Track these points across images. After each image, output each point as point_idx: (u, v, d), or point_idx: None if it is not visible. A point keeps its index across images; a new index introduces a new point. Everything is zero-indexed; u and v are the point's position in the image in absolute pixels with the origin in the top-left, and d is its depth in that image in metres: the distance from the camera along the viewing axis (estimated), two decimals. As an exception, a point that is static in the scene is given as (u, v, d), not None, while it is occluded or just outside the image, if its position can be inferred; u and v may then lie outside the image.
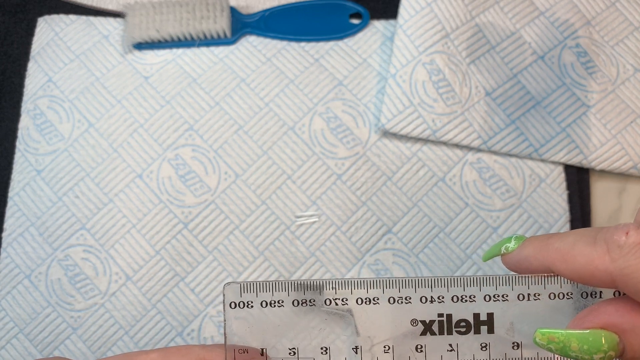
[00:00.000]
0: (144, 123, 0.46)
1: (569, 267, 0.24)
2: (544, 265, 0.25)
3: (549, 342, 0.25)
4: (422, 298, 0.26)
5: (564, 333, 0.24)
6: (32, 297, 0.43)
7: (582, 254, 0.24)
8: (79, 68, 0.47)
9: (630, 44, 0.48)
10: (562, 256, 0.24)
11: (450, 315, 0.26)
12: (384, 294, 0.26)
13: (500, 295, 0.26)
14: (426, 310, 0.26)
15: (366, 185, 0.45)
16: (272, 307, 0.27)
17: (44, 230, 0.44)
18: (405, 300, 0.26)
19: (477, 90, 0.46)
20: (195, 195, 0.45)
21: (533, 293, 0.26)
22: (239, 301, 0.27)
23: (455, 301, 0.26)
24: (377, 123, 0.46)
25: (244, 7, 0.49)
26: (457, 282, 0.26)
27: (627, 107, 0.46)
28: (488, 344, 0.26)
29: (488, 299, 0.26)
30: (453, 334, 0.26)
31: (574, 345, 0.24)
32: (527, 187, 0.45)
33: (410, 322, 0.26)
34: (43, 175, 0.45)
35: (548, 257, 0.25)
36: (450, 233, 0.44)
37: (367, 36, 0.48)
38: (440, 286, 0.26)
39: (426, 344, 0.26)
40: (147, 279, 0.44)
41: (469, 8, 0.47)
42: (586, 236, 0.24)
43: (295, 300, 0.27)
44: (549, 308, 0.26)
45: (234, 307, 0.27)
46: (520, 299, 0.26)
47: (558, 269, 0.25)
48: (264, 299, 0.27)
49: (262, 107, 0.47)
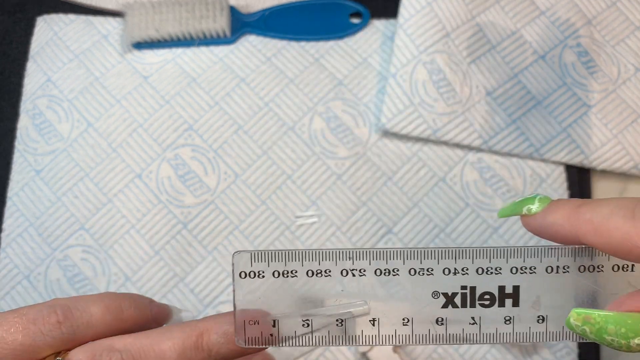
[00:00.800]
0: (143, 123, 0.46)
1: (603, 241, 0.23)
2: (572, 235, 0.24)
3: (585, 322, 0.23)
4: (444, 270, 0.25)
5: (601, 314, 0.23)
6: (31, 298, 0.43)
7: (619, 228, 0.22)
8: (78, 68, 0.47)
9: (631, 43, 0.48)
10: (596, 229, 0.23)
11: (474, 287, 0.25)
12: (405, 265, 0.25)
13: (528, 268, 0.25)
14: (449, 283, 0.25)
15: (366, 185, 0.45)
16: (285, 277, 0.25)
17: (43, 231, 0.44)
18: (427, 272, 0.25)
19: (478, 89, 0.46)
20: (195, 196, 0.45)
21: (562, 265, 0.25)
22: (250, 271, 0.25)
23: (480, 273, 0.25)
24: (377, 123, 0.46)
25: (243, 6, 0.49)
26: (482, 254, 0.25)
27: (628, 107, 0.46)
28: (512, 317, 0.26)
29: (515, 271, 0.25)
30: (476, 306, 0.25)
31: (611, 327, 0.23)
32: (528, 187, 0.45)
33: (431, 294, 0.25)
34: (42, 175, 0.45)
35: (579, 227, 0.24)
36: (451, 233, 0.44)
37: (367, 36, 0.48)
38: (464, 257, 0.25)
39: (447, 316, 0.26)
40: (147, 280, 0.43)
41: (470, 7, 0.47)
42: (624, 209, 0.23)
43: (310, 271, 0.25)
44: (579, 281, 0.25)
45: (244, 277, 0.25)
46: (548, 272, 0.25)
47: (590, 241, 0.23)
48: (276, 269, 0.25)
49: (262, 107, 0.46)
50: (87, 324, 0.27)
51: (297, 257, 0.25)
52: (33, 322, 0.26)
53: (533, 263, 0.25)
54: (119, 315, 0.28)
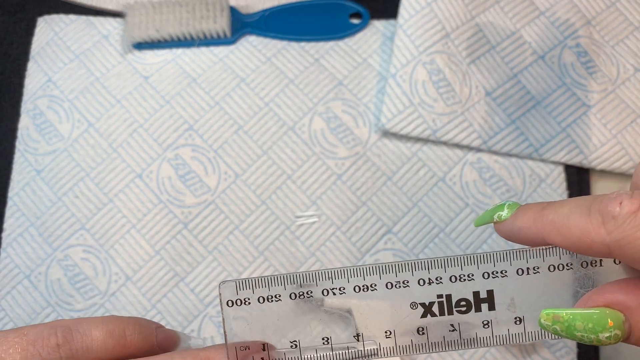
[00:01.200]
0: (143, 123, 0.46)
1: (564, 240, 0.24)
2: (538, 236, 0.25)
3: (554, 322, 0.24)
4: (419, 281, 0.26)
5: (568, 312, 0.24)
6: (32, 298, 0.43)
7: (577, 226, 0.24)
8: (79, 68, 0.47)
9: (630, 43, 0.48)
10: (557, 228, 0.24)
11: (449, 295, 0.26)
12: (381, 280, 0.26)
13: (499, 272, 0.26)
14: (425, 293, 0.26)
15: (366, 185, 0.45)
16: (269, 302, 0.26)
17: (43, 231, 0.44)
18: (403, 284, 0.26)
19: (477, 90, 0.46)
20: (195, 195, 0.45)
21: (532, 267, 0.26)
22: (236, 299, 0.26)
23: (453, 281, 0.26)
24: (377, 123, 0.46)
25: (243, 6, 0.49)
26: (454, 262, 0.26)
27: (627, 107, 0.46)
28: (490, 321, 0.26)
29: (487, 276, 0.26)
30: (454, 314, 0.26)
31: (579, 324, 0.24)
32: (527, 187, 0.45)
33: (409, 305, 0.26)
34: (43, 175, 0.45)
35: (543, 229, 0.25)
36: (451, 233, 0.44)
37: (367, 36, 0.48)
38: (437, 267, 0.26)
39: (427, 325, 0.26)
40: (147, 279, 0.43)
41: (469, 8, 0.47)
42: (581, 207, 0.24)
43: (293, 294, 0.26)
44: (550, 280, 0.26)
45: (232, 305, 0.27)
46: (519, 274, 0.26)
47: (554, 241, 0.25)
48: (261, 295, 0.26)
49: (262, 107, 0.46)
50: (87, 348, 0.27)
51: (279, 282, 0.26)
52: (32, 344, 0.26)
53: (504, 267, 0.26)
54: (121, 340, 0.28)
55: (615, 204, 0.23)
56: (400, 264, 0.26)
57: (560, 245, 0.24)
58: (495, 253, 0.26)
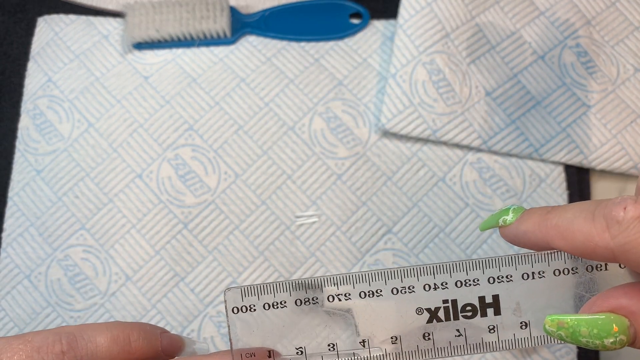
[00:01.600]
0: (143, 123, 0.46)
1: (568, 244, 0.24)
2: (543, 241, 0.25)
3: (559, 328, 0.24)
4: (425, 286, 0.26)
5: (573, 318, 0.24)
6: (32, 297, 0.43)
7: (581, 230, 0.23)
8: (79, 68, 0.47)
9: (630, 43, 0.48)
10: (561, 233, 0.24)
11: (455, 300, 0.26)
12: (387, 286, 0.26)
13: (504, 276, 0.26)
14: (430, 298, 0.26)
15: (366, 185, 0.45)
16: (275, 308, 0.26)
17: (43, 231, 0.44)
18: (408, 290, 0.26)
19: (477, 90, 0.46)
20: (195, 196, 0.45)
21: (537, 271, 0.26)
22: (241, 305, 0.26)
23: (459, 286, 0.26)
24: (377, 123, 0.46)
25: (243, 6, 0.49)
26: (459, 267, 0.26)
27: (627, 107, 0.46)
28: (496, 325, 0.26)
29: (492, 281, 0.26)
30: (460, 319, 0.26)
31: (584, 329, 0.24)
32: (527, 187, 0.45)
33: (415, 311, 0.26)
34: (43, 175, 0.45)
35: (547, 233, 0.25)
36: (451, 233, 0.44)
37: (367, 36, 0.48)
38: (442, 272, 0.26)
39: (433, 331, 0.26)
40: (147, 279, 0.43)
41: (469, 8, 0.47)
42: (585, 211, 0.24)
43: (298, 300, 0.26)
44: (555, 285, 0.26)
45: (237, 312, 0.26)
46: (524, 278, 0.26)
47: (558, 246, 0.25)
48: (266, 301, 0.26)
49: (262, 107, 0.47)
50: (92, 354, 0.27)
51: (284, 288, 0.26)
52: (37, 351, 0.26)
53: (509, 271, 0.26)
54: (126, 346, 0.27)
55: (620, 209, 0.23)
56: (406, 269, 0.26)
57: (564, 249, 0.24)
58: (500, 258, 0.26)
